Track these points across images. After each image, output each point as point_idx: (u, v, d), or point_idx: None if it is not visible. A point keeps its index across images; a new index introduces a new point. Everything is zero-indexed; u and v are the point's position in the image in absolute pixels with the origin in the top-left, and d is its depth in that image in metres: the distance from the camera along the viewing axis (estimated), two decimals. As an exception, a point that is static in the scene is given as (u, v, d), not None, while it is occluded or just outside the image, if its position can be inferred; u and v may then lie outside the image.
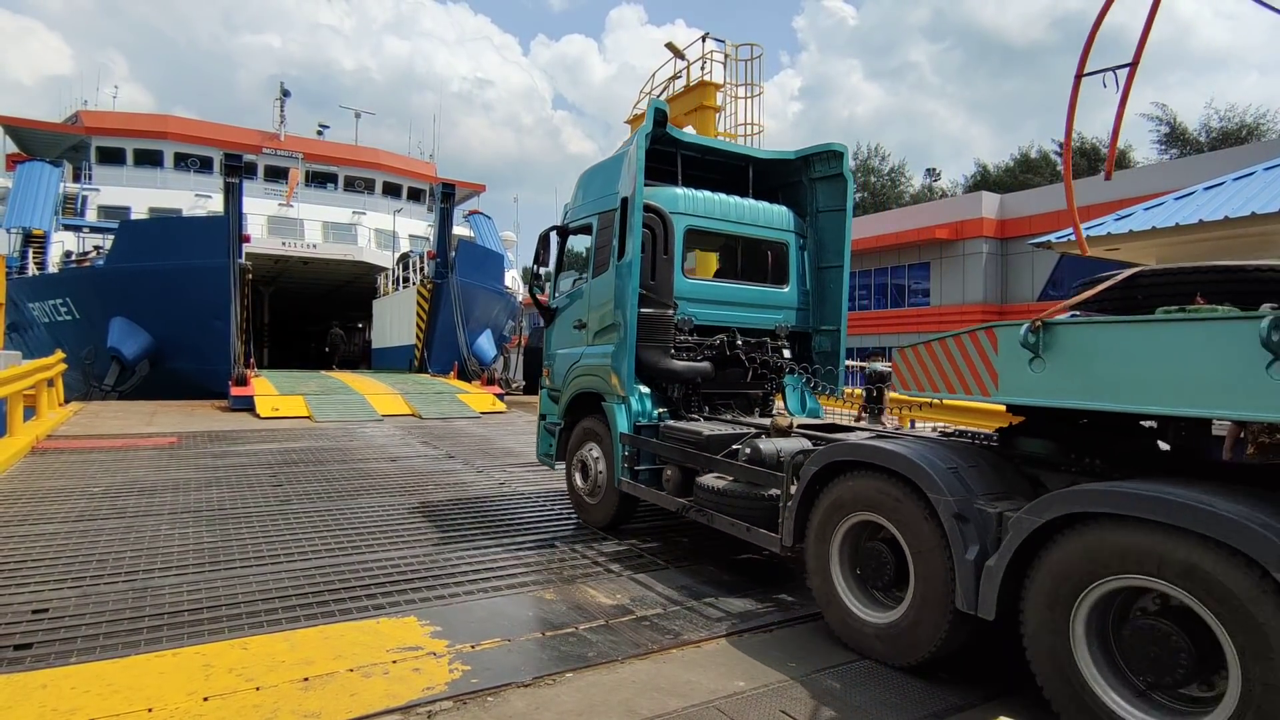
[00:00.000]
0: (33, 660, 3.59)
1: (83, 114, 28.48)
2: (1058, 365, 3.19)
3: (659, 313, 6.13)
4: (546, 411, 7.36)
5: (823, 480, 4.13)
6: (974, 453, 3.79)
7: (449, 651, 3.75)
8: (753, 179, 7.21)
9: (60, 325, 19.98)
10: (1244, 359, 2.57)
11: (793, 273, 6.98)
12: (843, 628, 3.97)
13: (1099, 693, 2.80)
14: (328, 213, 29.01)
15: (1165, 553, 2.61)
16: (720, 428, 5.59)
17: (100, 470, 8.40)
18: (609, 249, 6.20)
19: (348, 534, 5.97)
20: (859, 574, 4.00)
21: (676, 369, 6.17)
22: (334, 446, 10.83)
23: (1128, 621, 2.81)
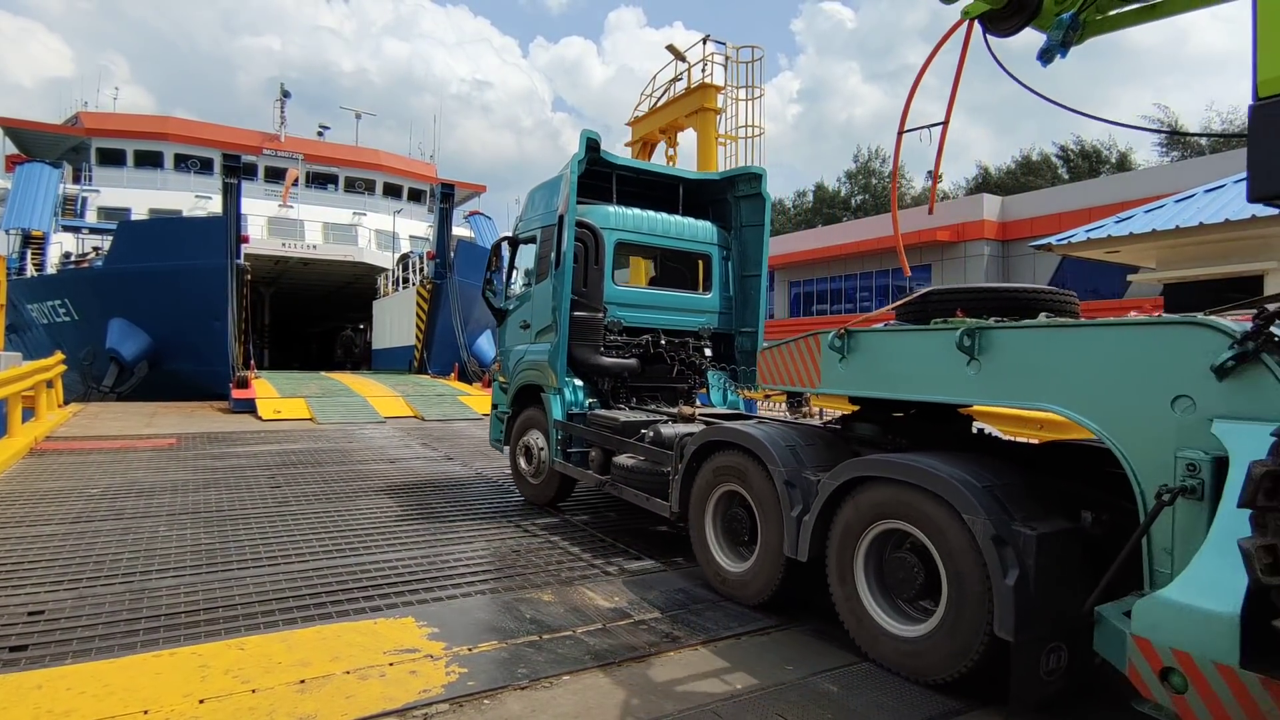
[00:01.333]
0: (28, 661, 3.59)
1: (83, 115, 28.52)
2: (855, 363, 4.13)
3: (590, 315, 7.00)
4: (498, 402, 8.21)
5: (700, 457, 5.02)
6: (815, 434, 4.69)
7: (446, 654, 3.74)
8: (685, 196, 8.02)
9: (59, 326, 19.98)
10: (952, 359, 3.51)
11: (715, 281, 7.81)
12: (715, 579, 4.87)
13: (869, 607, 3.78)
14: (328, 213, 29.04)
15: (908, 503, 3.55)
16: (636, 415, 6.49)
17: (99, 471, 8.39)
18: (549, 259, 7.02)
19: (346, 535, 5.97)
20: (727, 534, 4.86)
21: (605, 364, 7.06)
22: (333, 448, 10.83)
23: (888, 555, 3.76)
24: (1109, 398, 2.93)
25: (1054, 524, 3.15)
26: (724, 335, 7.88)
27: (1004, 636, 3.05)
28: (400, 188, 33.06)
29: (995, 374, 3.38)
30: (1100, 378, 2.96)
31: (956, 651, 3.32)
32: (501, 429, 8.05)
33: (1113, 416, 2.91)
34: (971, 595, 3.22)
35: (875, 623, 3.72)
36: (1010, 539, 3.09)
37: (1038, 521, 3.14)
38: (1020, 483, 3.40)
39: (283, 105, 31.25)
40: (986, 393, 3.47)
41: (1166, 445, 2.68)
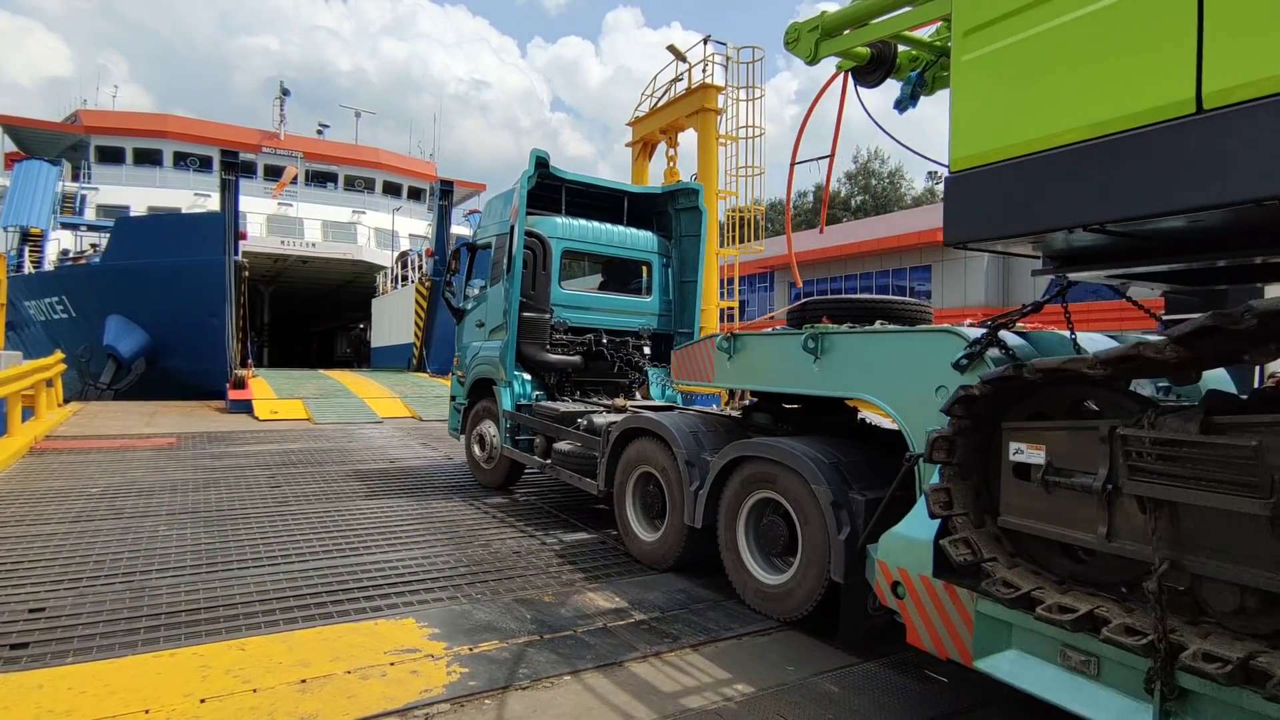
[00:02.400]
0: (29, 660, 3.59)
1: (82, 113, 28.48)
2: (739, 361, 4.94)
3: (538, 316, 7.69)
4: (456, 394, 8.87)
5: (622, 443, 5.81)
6: (717, 422, 5.49)
7: (447, 654, 3.74)
8: (630, 208, 8.78)
9: (56, 324, 19.93)
10: (802, 358, 4.31)
11: (655, 286, 8.56)
12: (633, 546, 5.67)
13: (747, 562, 4.59)
14: (327, 212, 29.04)
15: (775, 476, 4.36)
16: (575, 407, 7.24)
17: (99, 471, 8.39)
18: (502, 264, 7.77)
19: (346, 535, 5.96)
20: (643, 508, 5.67)
21: (550, 360, 7.78)
22: (333, 448, 10.82)
23: (763, 518, 4.56)
24: (899, 388, 3.73)
25: (881, 491, 3.83)
26: (663, 335, 8.55)
27: (837, 580, 3.88)
28: (400, 186, 33.04)
29: (831, 370, 4.20)
30: (894, 372, 3.77)
31: (806, 595, 4.14)
32: (459, 419, 8.74)
33: (902, 402, 3.71)
34: (817, 548, 4.04)
35: (751, 574, 4.57)
36: (845, 503, 3.93)
37: (869, 489, 3.97)
38: (863, 460, 4.24)
39: (282, 103, 31.26)
40: (825, 385, 4.28)
41: (931, 423, 3.36)
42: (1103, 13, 2.46)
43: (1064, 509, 2.73)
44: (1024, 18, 2.71)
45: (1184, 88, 2.24)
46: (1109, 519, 2.58)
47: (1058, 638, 2.74)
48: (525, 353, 7.66)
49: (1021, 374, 2.78)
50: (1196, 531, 2.35)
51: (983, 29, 2.87)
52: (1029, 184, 2.74)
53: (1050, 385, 2.85)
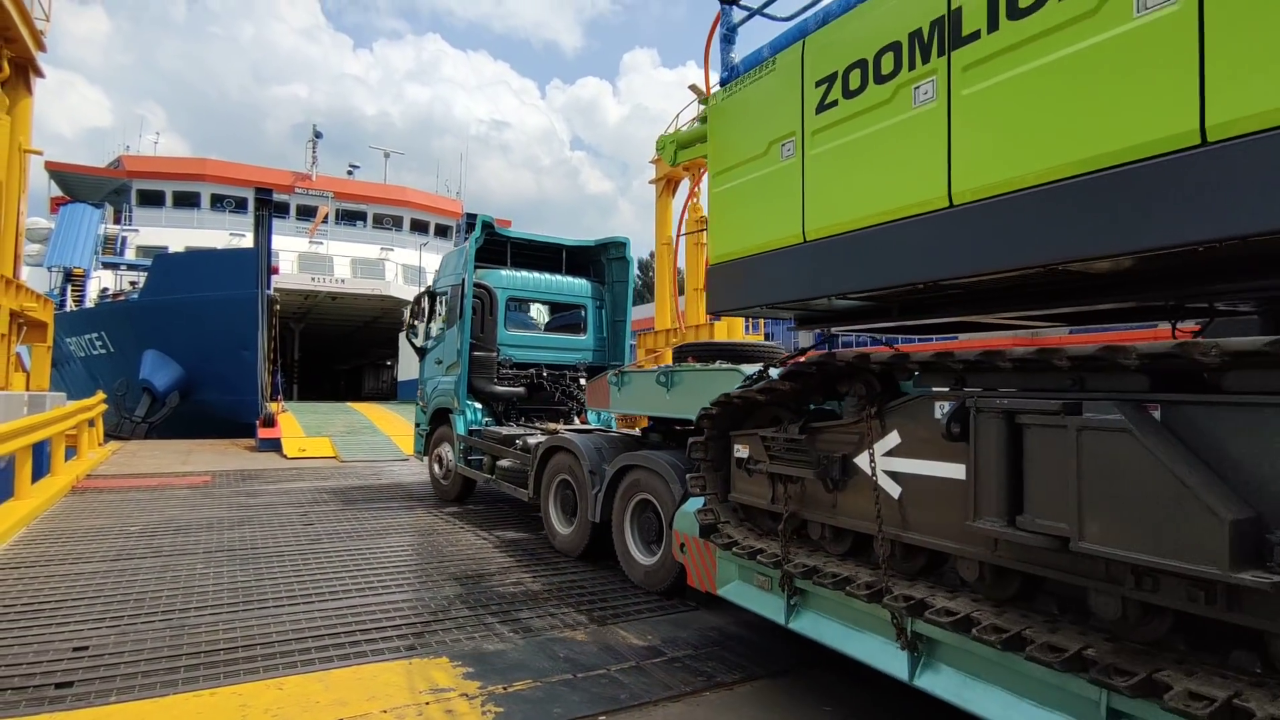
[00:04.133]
0: (73, 699, 3.65)
1: (125, 159, 29.48)
2: (625, 392, 6.37)
3: (486, 355, 9.18)
4: (419, 421, 10.43)
5: (546, 458, 7.09)
6: (619, 440, 6.71)
7: (481, 693, 3.74)
8: (570, 259, 10.33)
9: (95, 359, 20.43)
10: (657, 389, 5.73)
11: (590, 326, 10.09)
12: (554, 540, 6.96)
13: (631, 548, 5.87)
14: (356, 249, 29.61)
15: (648, 479, 5.60)
16: (516, 430, 8.65)
17: (138, 509, 8.55)
18: (455, 311, 9.20)
19: (378, 573, 6.01)
20: (562, 508, 6.94)
21: (497, 392, 9.28)
22: (362, 485, 10.93)
23: (642, 514, 5.80)
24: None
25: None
26: (598, 368, 9.54)
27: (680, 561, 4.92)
28: (427, 224, 33.63)
29: (675, 398, 5.40)
30: (705, 399, 4.39)
31: (668, 571, 5.31)
32: (423, 443, 10.30)
33: None
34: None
35: (634, 557, 5.84)
36: (689, 495, 4.72)
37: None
38: None
39: (314, 145, 32.08)
40: (671, 409, 5.61)
41: None
42: (767, 177, 3.99)
43: (756, 486, 4.03)
44: (734, 172, 4.23)
45: (795, 229, 3.77)
46: (771, 489, 3.90)
47: (752, 568, 4.09)
48: (476, 385, 9.12)
49: (731, 400, 4.10)
50: (802, 492, 3.73)
51: (720, 175, 4.36)
52: (747, 275, 4.11)
53: (751, 406, 4.13)
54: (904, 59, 3.15)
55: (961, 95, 2.90)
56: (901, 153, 3.18)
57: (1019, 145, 2.69)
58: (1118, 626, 2.41)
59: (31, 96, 13.69)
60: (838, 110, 3.50)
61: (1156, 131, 2.27)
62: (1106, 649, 2.37)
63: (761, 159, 4.00)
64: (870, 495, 3.22)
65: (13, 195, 12.78)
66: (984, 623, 2.67)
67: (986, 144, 2.82)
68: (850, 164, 3.46)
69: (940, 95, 2.99)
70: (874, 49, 3.29)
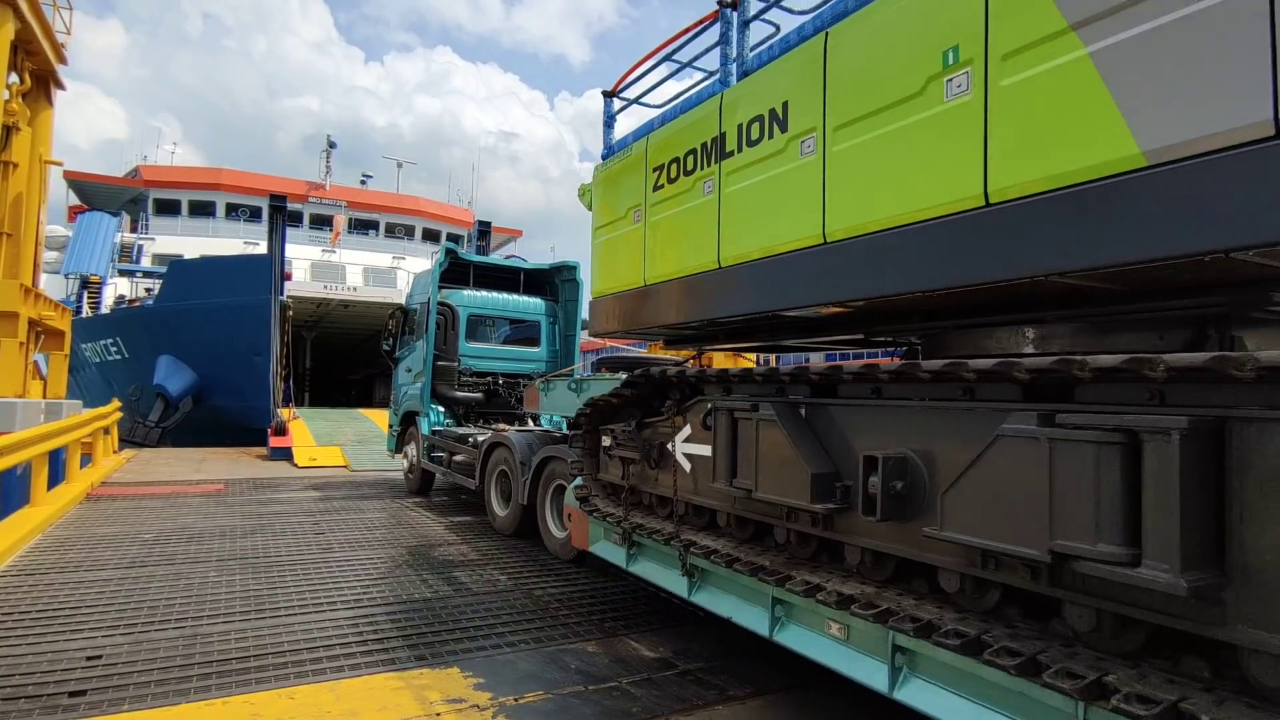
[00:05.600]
0: (87, 707, 3.66)
1: (142, 168, 29.81)
2: (550, 396, 7.21)
3: (448, 365, 10.49)
4: (392, 422, 11.95)
5: (489, 452, 8.41)
6: (549, 437, 7.95)
7: (492, 704, 3.73)
8: (527, 280, 11.74)
9: (110, 365, 20.58)
10: (570, 394, 6.58)
11: (544, 339, 11.48)
12: (494, 521, 8.30)
13: (550, 524, 7.09)
14: (369, 258, 29.78)
15: (560, 468, 6.83)
16: (470, 430, 9.80)
17: (152, 516, 8.60)
18: (423, 325, 10.60)
19: (389, 582, 6.01)
20: (500, 493, 8.29)
21: (457, 397, 10.61)
22: (372, 494, 10.96)
23: (559, 497, 6.84)
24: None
25: None
26: None
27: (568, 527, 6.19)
28: (439, 233, 33.78)
29: (585, 400, 5.49)
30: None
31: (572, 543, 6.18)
32: (394, 441, 11.88)
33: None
34: None
35: (551, 532, 7.09)
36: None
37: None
38: None
39: (328, 155, 32.33)
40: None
41: None
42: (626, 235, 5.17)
43: (613, 467, 5.12)
44: (606, 229, 5.50)
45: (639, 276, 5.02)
46: (621, 469, 4.98)
47: (609, 529, 5.23)
48: (439, 391, 10.45)
49: (597, 402, 5.15)
50: (639, 471, 4.80)
51: (598, 229, 5.63)
52: (616, 307, 5.33)
53: (616, 406, 5.09)
54: (698, 161, 4.42)
55: (730, 190, 4.13)
56: (699, 226, 4.37)
57: (757, 225, 3.94)
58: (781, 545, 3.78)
59: (52, 108, 13.88)
60: (664, 191, 4.77)
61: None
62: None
63: (623, 220, 5.26)
64: (673, 471, 4.41)
65: (33, 205, 12.94)
66: (725, 553, 3.89)
67: (743, 223, 4.04)
68: (671, 231, 4.69)
69: (715, 190, 4.25)
70: (683, 151, 4.57)
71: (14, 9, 11.26)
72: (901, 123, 3.08)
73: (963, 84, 2.83)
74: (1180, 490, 2.00)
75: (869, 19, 3.32)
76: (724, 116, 4.20)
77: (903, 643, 2.91)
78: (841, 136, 3.38)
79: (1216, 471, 2.05)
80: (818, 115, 3.51)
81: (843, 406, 3.30)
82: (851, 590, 3.15)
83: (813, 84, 3.54)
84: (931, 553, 2.84)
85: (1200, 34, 2.16)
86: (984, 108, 2.75)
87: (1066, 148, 2.50)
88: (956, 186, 2.85)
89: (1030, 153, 2.61)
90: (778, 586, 3.48)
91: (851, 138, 3.32)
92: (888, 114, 3.14)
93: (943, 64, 2.91)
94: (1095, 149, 2.41)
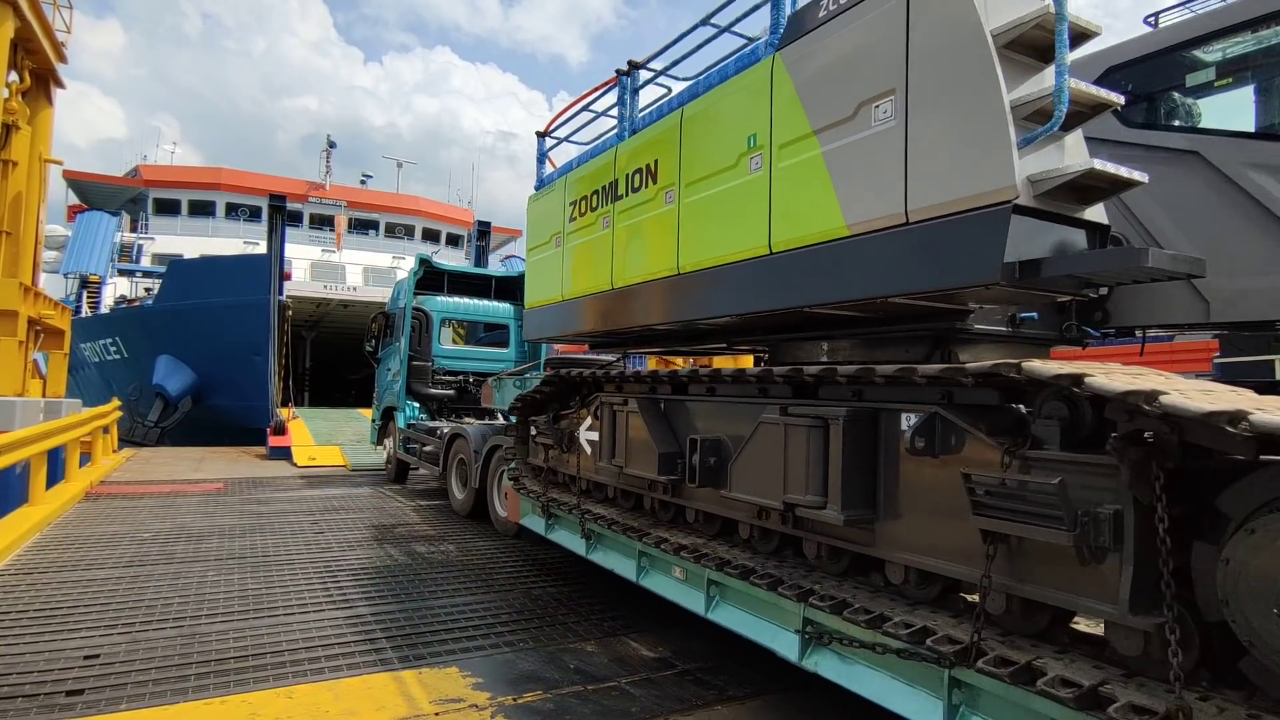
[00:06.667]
0: (84, 706, 3.65)
1: (142, 168, 29.77)
2: (500, 393, 8.83)
3: (422, 365, 11.59)
4: (375, 416, 13.33)
5: (450, 442, 9.49)
6: (502, 428, 8.38)
7: (491, 704, 3.72)
8: (498, 286, 12.84)
9: (110, 365, 20.54)
10: (515, 390, 8.08)
11: (513, 341, 12.42)
12: (453, 503, 9.31)
13: (496, 504, 8.20)
14: (368, 258, 29.75)
15: (504, 454, 7.62)
16: (438, 424, 10.79)
17: (150, 516, 8.59)
18: (400, 329, 11.74)
19: (387, 582, 6.00)
20: (458, 478, 9.27)
21: (430, 394, 11.65)
22: (371, 493, 10.94)
23: (501, 479, 7.84)
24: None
25: None
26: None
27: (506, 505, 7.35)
28: (439, 233, 33.77)
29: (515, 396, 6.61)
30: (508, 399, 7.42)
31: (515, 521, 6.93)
32: (376, 434, 13.25)
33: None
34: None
35: (497, 511, 8.11)
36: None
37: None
38: None
39: (329, 155, 32.29)
40: None
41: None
42: (549, 257, 6.05)
43: (538, 452, 6.15)
44: (536, 250, 6.35)
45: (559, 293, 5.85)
46: (543, 454, 6.02)
47: (533, 504, 6.25)
48: (414, 388, 11.55)
49: (525, 397, 6.24)
50: (556, 456, 5.85)
51: (530, 250, 6.45)
52: (544, 317, 6.15)
53: (536, 400, 6.20)
54: (600, 200, 5.28)
55: (620, 227, 5.00)
56: (600, 254, 5.22)
57: (637, 256, 4.81)
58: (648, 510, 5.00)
59: (52, 107, 13.85)
60: (577, 222, 5.64)
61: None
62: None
63: (547, 245, 6.12)
64: (578, 454, 5.47)
65: (33, 204, 12.92)
66: (609, 518, 5.03)
67: (628, 254, 4.90)
68: (581, 256, 5.57)
69: (610, 225, 5.11)
70: (590, 190, 5.45)
71: (14, 7, 11.24)
72: (724, 186, 3.98)
73: (758, 162, 3.74)
74: (843, 457, 3.11)
75: (708, 102, 4.23)
76: (618, 165, 5.09)
77: (713, 577, 3.96)
78: (689, 191, 4.28)
79: (871, 445, 3.15)
80: (675, 173, 4.41)
81: (683, 402, 4.45)
82: (687, 541, 4.25)
83: (672, 148, 4.45)
84: (734, 510, 4.00)
85: (870, 150, 3.11)
86: (769, 182, 3.65)
87: (810, 217, 3.41)
88: (755, 238, 3.73)
89: (793, 218, 3.52)
90: (641, 542, 4.59)
91: (695, 194, 4.22)
92: (716, 178, 4.04)
93: (747, 145, 3.82)
94: (823, 221, 3.33)
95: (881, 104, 3.08)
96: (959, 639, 2.65)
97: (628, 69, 5.30)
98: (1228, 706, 2.10)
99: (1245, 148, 3.41)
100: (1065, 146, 2.88)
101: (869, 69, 3.14)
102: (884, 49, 3.07)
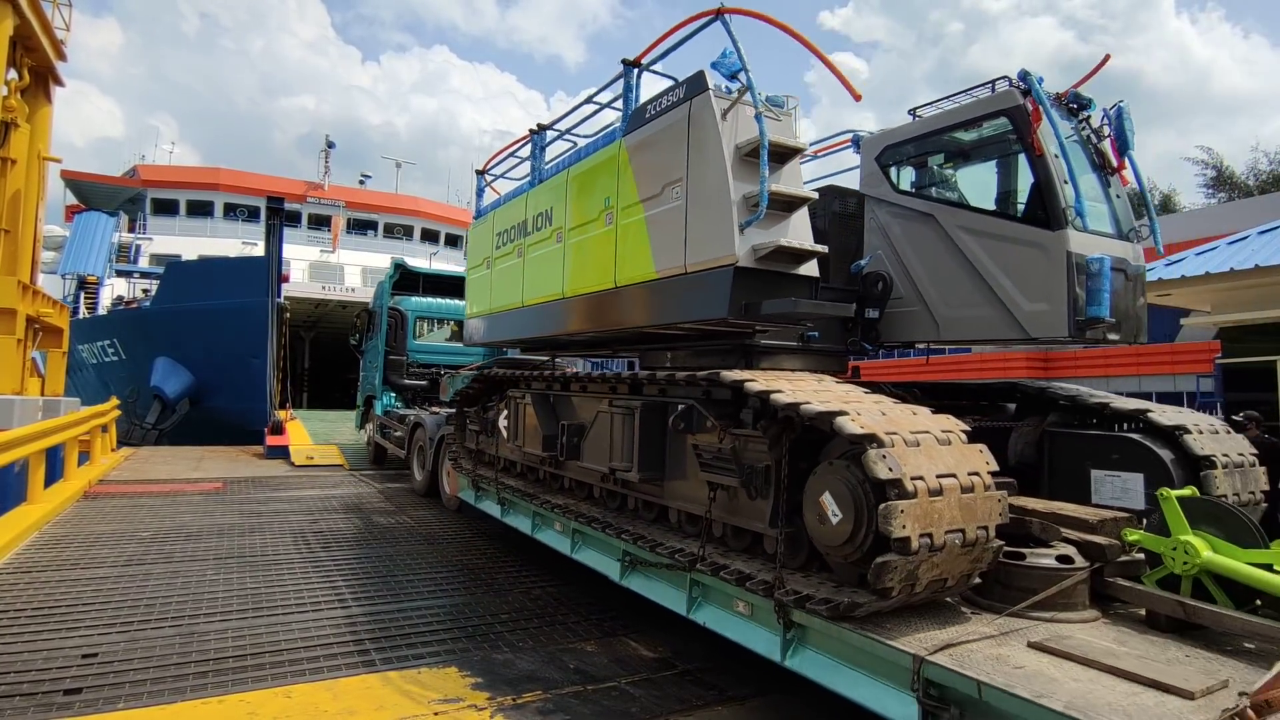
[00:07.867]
0: (82, 705, 3.64)
1: (140, 168, 29.73)
2: (454, 386, 9.79)
3: (398, 358, 13.19)
4: (358, 404, 15.02)
5: (413, 429, 10.94)
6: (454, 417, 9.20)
7: (490, 704, 3.71)
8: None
9: (107, 366, 20.49)
10: (454, 386, 10.11)
11: None
12: (414, 484, 10.71)
13: (444, 483, 9.67)
14: (367, 258, 29.72)
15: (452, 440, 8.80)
16: (409, 412, 11.83)
17: (149, 515, 8.56)
18: (378, 326, 13.58)
19: (386, 581, 5.99)
20: (418, 462, 10.62)
21: (406, 384, 13.22)
22: (370, 493, 10.92)
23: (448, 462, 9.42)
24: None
25: None
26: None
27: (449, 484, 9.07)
28: (438, 233, 33.75)
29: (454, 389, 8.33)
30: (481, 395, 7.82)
31: (458, 498, 8.18)
32: (360, 420, 15.09)
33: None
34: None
35: (445, 489, 9.35)
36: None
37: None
38: None
39: (327, 155, 32.30)
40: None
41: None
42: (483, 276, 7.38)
43: (473, 438, 7.67)
44: (474, 270, 7.66)
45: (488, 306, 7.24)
46: (475, 439, 7.62)
47: (468, 480, 7.59)
48: (390, 380, 13.26)
49: (463, 390, 7.82)
50: (486, 440, 7.28)
51: (470, 269, 7.86)
52: (479, 326, 7.38)
53: (470, 393, 7.67)
54: (516, 234, 6.55)
55: (528, 257, 6.26)
56: (515, 278, 6.46)
57: (537, 282, 6.05)
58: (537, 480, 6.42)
59: (51, 105, 13.83)
60: (500, 250, 6.91)
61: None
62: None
63: (480, 266, 7.38)
64: (497, 438, 6.76)
65: (31, 202, 12.89)
66: (516, 488, 6.38)
67: (532, 280, 6.15)
68: (502, 279, 6.82)
69: (522, 256, 6.37)
70: (509, 225, 6.73)
71: (13, 5, 11.22)
72: (592, 234, 5.20)
73: (610, 219, 4.96)
74: (639, 435, 4.47)
75: (585, 166, 5.41)
76: (529, 207, 6.33)
77: (575, 527, 5.31)
78: (572, 235, 5.52)
79: (661, 426, 4.46)
80: (563, 220, 5.67)
81: (561, 396, 5.78)
82: (561, 502, 5.63)
83: (561, 199, 5.74)
84: (588, 477, 5.38)
85: (669, 219, 4.37)
86: (616, 234, 4.89)
87: (637, 263, 4.65)
88: (607, 275, 4.95)
89: (628, 262, 4.74)
90: (534, 505, 5.95)
91: (575, 236, 5.46)
92: (588, 226, 5.27)
93: (604, 205, 5.04)
94: (644, 266, 4.58)
95: (675, 187, 4.31)
96: (694, 553, 3.95)
97: (538, 129, 6.55)
98: (810, 575, 3.44)
99: (958, 214, 4.60)
100: (791, 224, 4.09)
101: (669, 160, 4.38)
102: (677, 147, 4.31)
